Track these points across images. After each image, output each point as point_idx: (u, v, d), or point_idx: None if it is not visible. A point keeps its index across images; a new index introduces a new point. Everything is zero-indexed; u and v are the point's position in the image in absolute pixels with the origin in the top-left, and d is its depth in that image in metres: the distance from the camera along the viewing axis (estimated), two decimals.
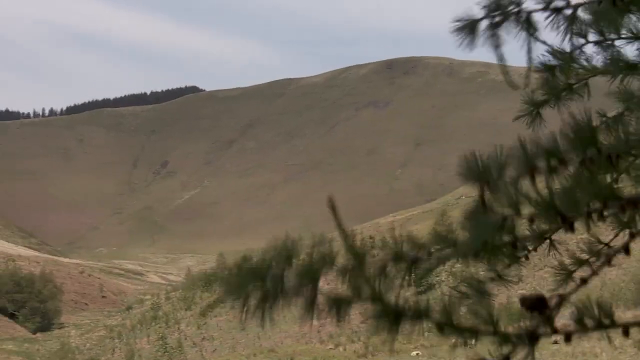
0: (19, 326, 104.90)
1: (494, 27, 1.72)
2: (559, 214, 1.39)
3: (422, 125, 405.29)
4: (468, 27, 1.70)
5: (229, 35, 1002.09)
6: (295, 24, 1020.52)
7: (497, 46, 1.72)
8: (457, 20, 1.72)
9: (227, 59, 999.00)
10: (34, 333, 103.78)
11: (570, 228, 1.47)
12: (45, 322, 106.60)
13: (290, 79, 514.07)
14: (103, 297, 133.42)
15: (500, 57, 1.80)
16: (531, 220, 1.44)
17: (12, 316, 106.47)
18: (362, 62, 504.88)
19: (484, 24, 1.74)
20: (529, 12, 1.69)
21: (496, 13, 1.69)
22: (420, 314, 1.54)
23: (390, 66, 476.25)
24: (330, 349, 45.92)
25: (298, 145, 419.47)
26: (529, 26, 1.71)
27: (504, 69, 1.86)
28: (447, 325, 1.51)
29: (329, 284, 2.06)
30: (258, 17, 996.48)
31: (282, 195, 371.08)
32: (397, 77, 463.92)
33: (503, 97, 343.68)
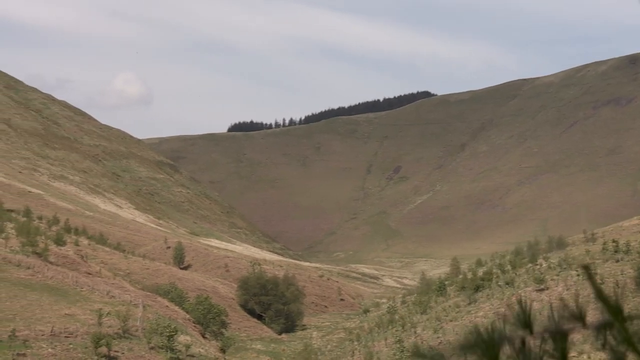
0: (266, 327, 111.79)
1: None
2: None
3: None
4: None
5: (465, 38, 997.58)
6: (534, 24, 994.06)
7: None
8: None
9: (461, 63, 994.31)
10: (279, 334, 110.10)
11: None
12: (289, 324, 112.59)
13: (524, 79, 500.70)
14: (341, 300, 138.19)
15: None
16: None
17: (259, 318, 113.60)
18: (601, 59, 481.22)
19: None
20: None
21: None
22: None
23: (634, 61, 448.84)
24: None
25: (532, 146, 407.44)
26: None
27: None
28: None
29: None
30: (496, 19, 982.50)
31: (516, 198, 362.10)
32: None
33: None
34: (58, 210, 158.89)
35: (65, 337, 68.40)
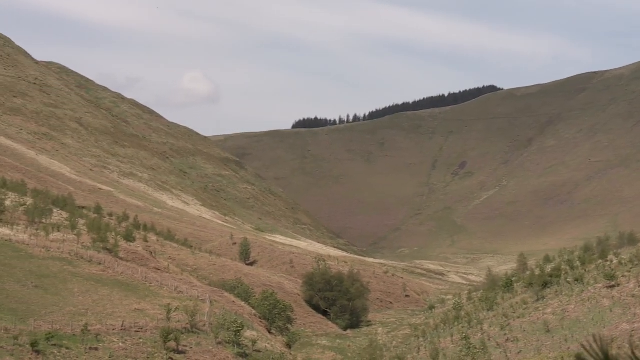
0: (331, 323, 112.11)
1: None
2: None
3: None
4: None
5: (533, 31, 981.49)
6: (604, 16, 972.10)
7: None
8: None
9: (529, 56, 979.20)
10: (345, 330, 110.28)
11: None
12: (354, 320, 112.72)
13: (593, 72, 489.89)
14: (406, 296, 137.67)
15: None
16: None
17: (324, 313, 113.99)
18: None
19: None
20: None
21: None
22: None
23: None
24: None
25: (602, 141, 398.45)
26: None
27: None
28: None
29: None
30: (565, 11, 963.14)
31: (585, 193, 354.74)
32: None
33: None
34: (127, 206, 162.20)
35: (136, 331, 69.86)
